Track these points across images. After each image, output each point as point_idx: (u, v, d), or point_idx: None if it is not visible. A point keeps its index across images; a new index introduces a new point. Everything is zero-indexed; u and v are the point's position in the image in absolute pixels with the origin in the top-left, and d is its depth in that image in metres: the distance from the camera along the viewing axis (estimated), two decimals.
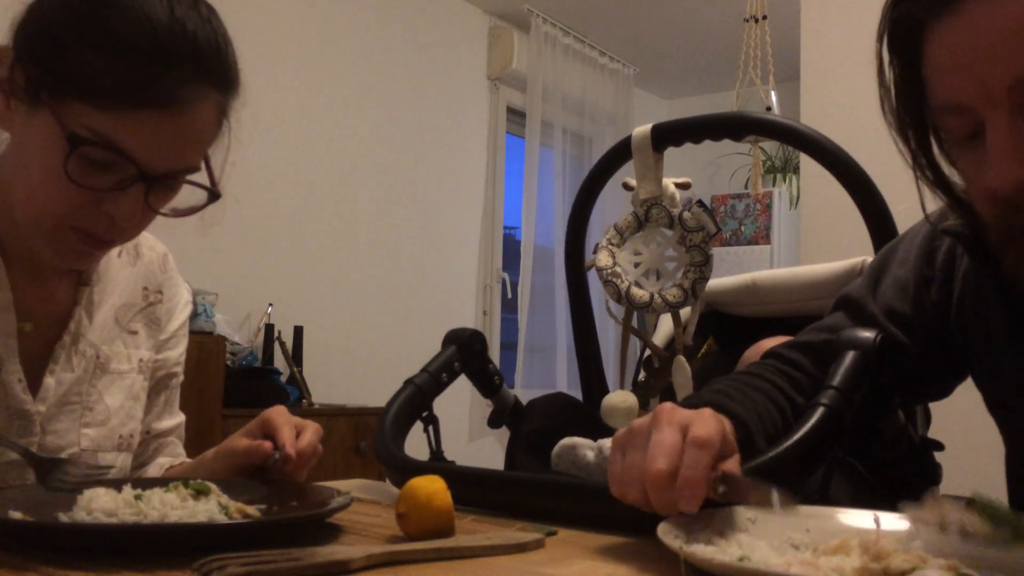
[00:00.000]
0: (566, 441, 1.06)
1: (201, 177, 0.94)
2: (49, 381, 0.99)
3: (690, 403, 0.80)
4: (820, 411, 0.86)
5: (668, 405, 0.73)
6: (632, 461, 0.70)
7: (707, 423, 0.70)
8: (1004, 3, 0.68)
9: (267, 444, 0.96)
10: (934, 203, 0.85)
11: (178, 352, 1.16)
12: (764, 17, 3.85)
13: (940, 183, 0.82)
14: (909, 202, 0.88)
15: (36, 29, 0.87)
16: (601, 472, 1.00)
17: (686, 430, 0.70)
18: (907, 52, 0.77)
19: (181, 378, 1.17)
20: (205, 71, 0.87)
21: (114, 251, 1.07)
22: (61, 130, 0.83)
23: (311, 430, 1.00)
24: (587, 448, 1.04)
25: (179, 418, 1.18)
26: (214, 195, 0.95)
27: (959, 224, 0.84)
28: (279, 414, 1.00)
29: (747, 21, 3.88)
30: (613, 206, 4.24)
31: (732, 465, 0.72)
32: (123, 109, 0.83)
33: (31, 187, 0.88)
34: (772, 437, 0.88)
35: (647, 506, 0.69)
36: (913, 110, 0.80)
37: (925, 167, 0.82)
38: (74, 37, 0.84)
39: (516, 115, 4.82)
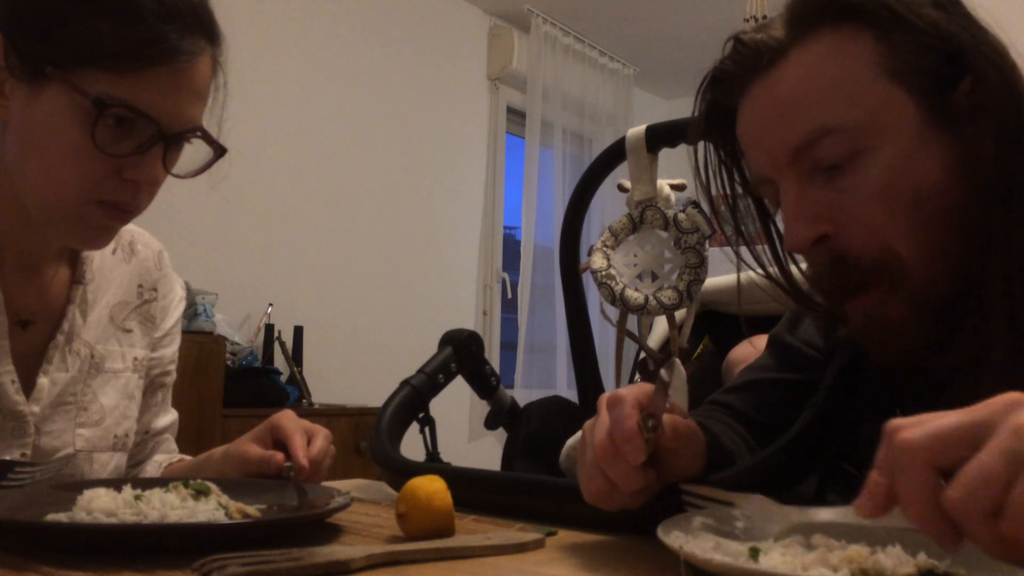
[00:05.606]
0: (572, 440, 1.06)
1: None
2: (43, 381, 0.98)
3: None
4: (809, 413, 0.87)
5: (605, 394, 0.75)
6: (587, 459, 0.73)
7: (622, 389, 0.73)
8: (777, 81, 0.76)
9: (279, 456, 0.96)
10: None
11: (172, 350, 1.16)
12: (764, 17, 3.85)
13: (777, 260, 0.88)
14: None
15: (26, 5, 0.86)
16: None
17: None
18: (725, 134, 0.85)
19: (175, 376, 1.17)
20: (201, 24, 0.90)
21: (108, 248, 1.06)
22: (81, 100, 0.84)
23: (322, 436, 1.00)
24: None
25: (173, 415, 1.19)
26: (220, 150, 0.96)
27: None
28: (289, 419, 1.00)
29: (747, 21, 3.88)
30: (613, 207, 4.25)
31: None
32: (139, 69, 0.85)
33: (49, 167, 0.87)
34: (738, 444, 0.90)
35: (612, 492, 0.71)
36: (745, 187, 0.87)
37: (772, 233, 0.87)
38: (77, 5, 0.84)
39: (516, 115, 4.82)
